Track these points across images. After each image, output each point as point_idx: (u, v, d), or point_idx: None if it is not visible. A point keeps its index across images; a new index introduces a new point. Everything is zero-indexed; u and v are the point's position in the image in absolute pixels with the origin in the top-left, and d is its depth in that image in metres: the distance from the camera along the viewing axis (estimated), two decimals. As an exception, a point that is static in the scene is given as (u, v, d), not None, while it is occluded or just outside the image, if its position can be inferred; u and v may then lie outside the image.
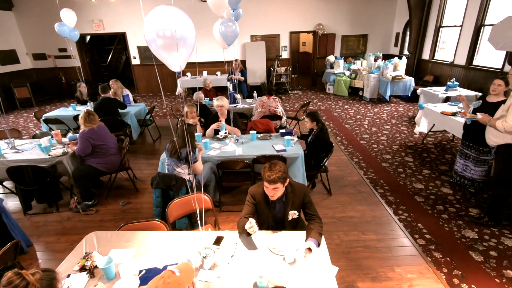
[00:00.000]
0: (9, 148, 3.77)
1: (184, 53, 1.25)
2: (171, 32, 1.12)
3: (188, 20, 1.21)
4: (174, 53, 1.18)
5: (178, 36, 1.14)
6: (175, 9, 1.13)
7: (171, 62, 1.30)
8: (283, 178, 1.89)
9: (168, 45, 1.16)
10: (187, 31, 1.21)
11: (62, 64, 10.41)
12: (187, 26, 1.20)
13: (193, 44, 1.27)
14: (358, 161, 4.63)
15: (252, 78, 10.05)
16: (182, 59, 1.24)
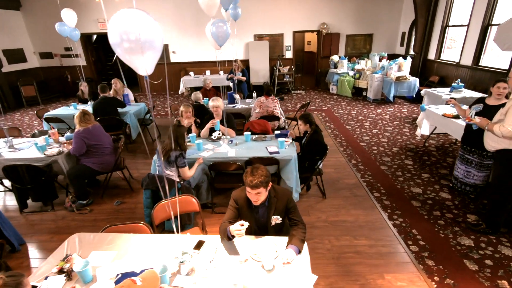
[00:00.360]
0: (7, 147, 3.83)
1: (151, 57, 1.23)
2: (135, 36, 1.10)
3: (154, 23, 1.18)
4: (141, 56, 1.16)
5: (143, 40, 1.12)
6: (139, 12, 1.11)
7: (138, 66, 1.28)
8: (266, 183, 1.86)
9: (132, 49, 1.13)
10: (152, 34, 1.18)
11: (68, 63, 10.56)
12: (152, 29, 1.18)
13: (160, 48, 1.24)
14: (356, 164, 4.56)
15: (255, 78, 10.02)
16: (149, 63, 1.22)
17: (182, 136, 3.01)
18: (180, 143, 2.99)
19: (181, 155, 2.94)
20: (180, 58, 10.34)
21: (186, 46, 10.14)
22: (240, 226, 1.78)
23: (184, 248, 1.90)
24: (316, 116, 7.11)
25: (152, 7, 9.55)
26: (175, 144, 2.96)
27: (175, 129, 3.01)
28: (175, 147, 2.95)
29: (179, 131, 3.00)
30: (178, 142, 2.97)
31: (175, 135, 2.98)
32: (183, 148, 3.01)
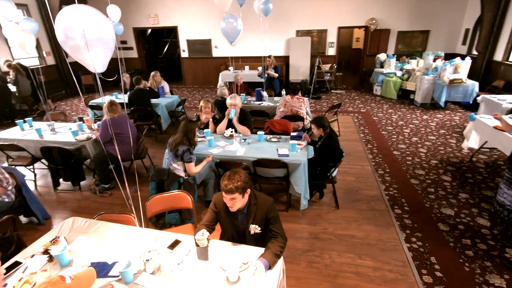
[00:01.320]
0: (49, 130, 4.28)
1: (101, 54, 1.21)
2: (81, 33, 1.09)
3: (102, 20, 1.15)
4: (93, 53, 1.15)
5: (90, 37, 1.10)
6: (86, 8, 1.09)
7: (88, 63, 1.28)
8: (242, 189, 1.76)
9: (77, 45, 1.13)
10: (100, 31, 1.16)
11: (122, 55, 11.47)
12: (100, 26, 1.15)
13: (110, 45, 1.22)
14: (382, 174, 4.15)
15: (294, 75, 9.76)
16: (99, 60, 1.20)
17: (192, 131, 3.03)
18: (190, 137, 3.02)
19: (188, 150, 2.96)
20: (222, 52, 10.52)
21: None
22: (201, 236, 1.71)
23: (159, 245, 1.90)
24: (351, 118, 6.66)
25: (196, 1, 9.84)
26: (185, 139, 2.99)
27: (186, 124, 3.04)
28: (184, 142, 2.98)
29: (190, 126, 3.03)
30: (187, 137, 3.00)
31: (185, 129, 3.01)
32: (192, 143, 3.03)
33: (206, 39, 10.41)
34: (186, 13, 10.15)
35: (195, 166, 3.09)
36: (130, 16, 10.62)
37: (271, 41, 9.81)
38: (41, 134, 4.11)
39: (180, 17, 10.27)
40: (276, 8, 9.32)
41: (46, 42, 9.42)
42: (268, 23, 9.54)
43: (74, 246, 1.94)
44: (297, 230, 3.07)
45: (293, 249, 2.80)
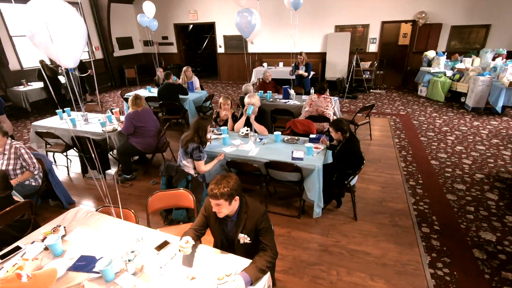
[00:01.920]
0: (83, 120, 4.56)
1: (69, 49, 1.16)
2: (44, 27, 1.05)
3: (72, 15, 1.10)
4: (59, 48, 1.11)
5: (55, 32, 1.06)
6: (52, 2, 1.04)
7: (58, 57, 1.24)
8: (228, 196, 1.64)
9: (42, 39, 1.09)
10: (68, 26, 1.11)
11: (163, 50, 11.98)
12: (68, 21, 1.10)
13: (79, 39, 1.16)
14: (413, 186, 3.73)
15: (331, 72, 9.32)
16: (68, 55, 1.16)
17: (203, 129, 2.97)
18: (201, 135, 2.97)
19: (198, 148, 2.92)
20: (257, 48, 10.41)
21: (264, 37, 10.13)
22: (185, 244, 1.63)
23: (146, 245, 1.87)
24: (388, 121, 6.14)
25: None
26: (196, 136, 2.95)
27: (198, 121, 3.00)
28: (195, 139, 2.94)
29: (201, 124, 2.98)
30: (198, 135, 2.96)
31: (197, 127, 2.97)
32: (203, 141, 2.98)
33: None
34: (223, 9, 10.21)
35: (205, 164, 3.04)
36: (171, 13, 11.00)
37: (307, 37, 9.47)
38: (75, 123, 4.40)
39: (218, 13, 10.37)
40: (314, 2, 8.96)
41: (95, 38, 10.15)
42: (305, 19, 9.22)
43: (70, 237, 1.99)
44: (306, 239, 2.87)
45: (298, 260, 2.61)
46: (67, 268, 1.71)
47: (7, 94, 7.45)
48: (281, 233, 2.98)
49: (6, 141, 3.00)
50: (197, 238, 1.81)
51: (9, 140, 3.03)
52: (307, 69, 6.18)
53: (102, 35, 10.15)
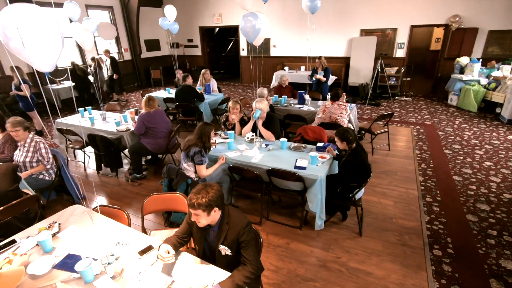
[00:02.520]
0: (101, 119, 4.75)
1: (44, 54, 1.17)
2: (16, 31, 1.07)
3: (47, 20, 1.11)
4: (33, 53, 1.12)
5: (28, 37, 1.07)
6: (26, 7, 1.06)
7: (33, 61, 1.25)
8: (206, 206, 1.59)
9: (19, 46, 1.10)
10: (42, 31, 1.12)
11: (188, 52, 12.28)
12: (42, 26, 1.11)
13: (55, 45, 1.17)
14: (430, 202, 3.46)
15: (354, 78, 9.02)
16: (43, 59, 1.17)
17: (206, 134, 2.97)
18: (204, 140, 2.96)
19: (200, 152, 2.91)
20: (279, 52, 10.35)
21: (287, 40, 10.05)
22: (166, 253, 1.60)
23: (130, 249, 1.87)
24: (410, 130, 5.79)
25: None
26: (199, 141, 2.95)
27: (202, 126, 3.00)
28: (198, 144, 2.94)
29: (204, 129, 2.98)
30: (201, 140, 2.96)
31: (200, 132, 2.97)
32: (206, 146, 2.98)
33: (265, 38, 10.33)
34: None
35: (207, 169, 3.02)
36: (197, 16, 11.25)
37: (331, 41, 9.25)
38: (93, 122, 4.59)
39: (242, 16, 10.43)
40: (338, 6, 8.74)
41: (125, 40, 10.62)
42: (329, 22, 9.02)
43: (63, 234, 2.04)
44: (305, 252, 2.75)
45: (293, 275, 2.50)
46: (52, 265, 1.75)
47: (41, 92, 7.99)
48: (279, 243, 2.88)
49: (28, 135, 3.19)
50: (179, 246, 1.78)
51: (31, 134, 3.21)
52: (326, 74, 6.01)
53: (131, 37, 10.61)
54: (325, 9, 8.92)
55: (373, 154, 4.76)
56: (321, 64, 6.03)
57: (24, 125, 3.11)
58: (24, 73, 5.63)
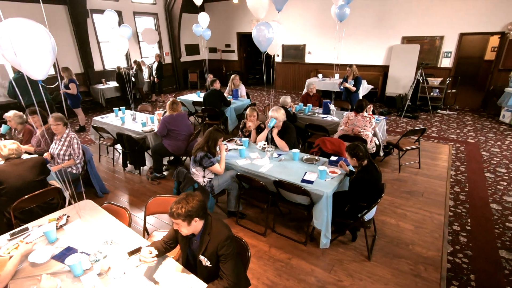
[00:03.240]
0: (131, 118, 5.07)
1: (37, 64, 1.26)
2: (11, 45, 1.17)
3: (38, 33, 1.20)
4: (27, 63, 1.23)
5: (21, 49, 1.17)
6: (18, 21, 1.15)
7: (27, 69, 1.36)
8: (185, 216, 1.59)
9: (14, 57, 1.21)
10: (33, 44, 1.21)
11: (225, 57, 12.62)
12: (34, 38, 1.20)
13: (46, 55, 1.25)
14: (457, 231, 3.10)
15: (392, 88, 8.52)
16: (37, 68, 1.26)
17: (213, 140, 3.02)
18: (210, 145, 3.01)
19: (206, 155, 2.96)
20: (314, 59, 10.16)
21: (322, 47, 9.83)
22: (148, 254, 1.63)
23: (121, 248, 1.94)
24: (449, 148, 5.28)
25: (297, 6, 9.78)
26: (206, 146, 3.01)
27: (211, 132, 3.05)
28: (205, 148, 3.00)
29: (212, 135, 3.03)
30: (208, 144, 3.01)
31: (208, 137, 3.03)
32: (211, 152, 3.02)
33: (301, 45, 10.26)
34: (285, 18, 10.25)
35: (219, 167, 3.04)
36: (235, 22, 11.52)
37: (369, 48, 8.86)
38: (124, 121, 4.91)
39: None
40: (379, 11, 8.34)
41: (167, 44, 11.25)
42: (368, 29, 8.66)
43: (69, 227, 2.20)
44: (305, 270, 2.63)
45: (288, 293, 2.41)
46: (52, 256, 1.89)
47: (90, 91, 8.79)
48: (280, 258, 2.80)
49: (65, 131, 3.51)
50: (164, 251, 1.81)
51: (68, 130, 3.53)
52: (356, 83, 5.74)
53: (172, 41, 11.21)
54: (363, 15, 8.59)
55: (400, 171, 4.42)
56: (352, 72, 5.78)
57: (64, 121, 3.43)
58: (72, 73, 6.22)
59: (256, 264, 2.72)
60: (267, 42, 3.02)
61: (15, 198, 2.55)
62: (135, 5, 9.84)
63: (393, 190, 3.94)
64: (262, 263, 2.74)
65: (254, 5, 3.00)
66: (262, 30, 2.97)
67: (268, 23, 3.02)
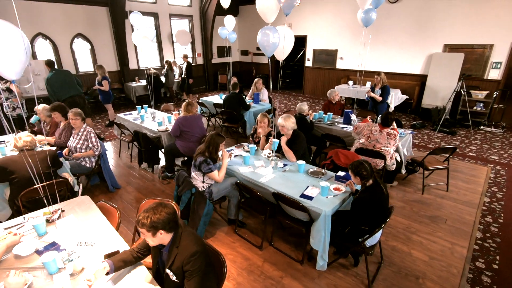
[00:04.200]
0: (151, 117, 5.21)
1: (8, 63, 1.27)
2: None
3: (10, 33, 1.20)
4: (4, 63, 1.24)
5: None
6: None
7: None
8: (149, 227, 1.52)
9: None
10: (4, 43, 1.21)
11: (256, 60, 12.62)
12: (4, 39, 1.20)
13: (18, 56, 1.25)
14: (480, 269, 2.70)
15: (430, 99, 7.87)
16: (8, 68, 1.27)
17: (214, 145, 2.95)
18: (211, 150, 2.95)
19: (206, 161, 2.90)
20: (346, 65, 9.75)
21: (355, 53, 9.40)
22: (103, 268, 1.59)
23: (99, 250, 1.94)
24: (487, 170, 4.70)
25: (330, 10, 9.48)
26: (207, 151, 2.96)
27: (213, 136, 2.99)
28: (206, 154, 2.95)
29: (214, 140, 2.97)
30: (209, 150, 2.95)
31: (209, 141, 2.97)
32: (212, 157, 2.96)
33: (332, 50, 9.91)
34: (317, 22, 10.00)
35: (218, 174, 2.98)
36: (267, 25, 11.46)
37: (406, 56, 8.29)
38: (143, 119, 5.06)
39: (311, 26, 10.23)
40: (419, 17, 7.77)
41: (200, 45, 11.53)
42: (406, 35, 8.11)
43: (61, 221, 2.25)
44: (295, 293, 2.45)
45: (272, 315, 2.25)
46: (35, 249, 1.93)
47: (123, 88, 9.28)
48: (273, 275, 2.64)
49: (83, 125, 3.68)
50: (134, 260, 1.75)
51: (85, 125, 3.70)
52: (383, 92, 5.36)
53: (205, 43, 11.46)
54: (402, 20, 8.05)
55: (424, 192, 4.01)
56: (381, 80, 5.40)
57: (82, 116, 3.61)
58: (105, 71, 6.59)
59: (246, 279, 2.60)
60: (272, 48, 2.89)
61: (25, 187, 2.70)
62: (171, 7, 10.21)
63: (412, 213, 3.58)
64: (252, 278, 2.61)
65: (262, 9, 2.89)
66: (267, 35, 2.84)
67: (274, 28, 2.88)
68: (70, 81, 5.64)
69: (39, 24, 7.45)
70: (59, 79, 5.47)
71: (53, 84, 5.41)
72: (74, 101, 5.63)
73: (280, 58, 3.16)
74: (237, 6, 12.22)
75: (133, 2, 9.14)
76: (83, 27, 8.19)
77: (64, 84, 5.51)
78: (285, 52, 3.01)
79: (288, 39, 2.87)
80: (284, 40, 2.77)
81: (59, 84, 5.46)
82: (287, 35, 2.83)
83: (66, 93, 5.56)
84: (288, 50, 3.09)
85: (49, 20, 7.54)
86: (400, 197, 3.94)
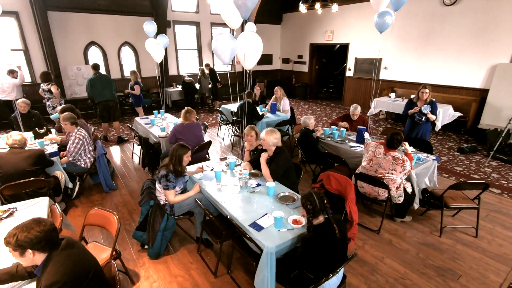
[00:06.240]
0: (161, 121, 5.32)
1: None
2: None
3: None
4: None
5: None
6: None
7: None
8: (17, 246, 1.41)
9: None
10: None
11: (297, 68, 12.24)
12: None
13: None
14: None
15: (490, 118, 6.60)
16: None
17: (176, 157, 2.79)
18: (174, 163, 2.80)
19: (166, 176, 2.75)
20: (391, 75, 8.78)
21: (402, 63, 8.41)
22: None
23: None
24: (507, 202, 3.62)
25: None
26: (170, 164, 2.82)
27: (175, 148, 2.84)
28: (169, 166, 2.81)
29: (176, 152, 2.81)
30: (172, 162, 2.81)
31: (171, 153, 2.83)
32: (175, 170, 2.80)
33: (376, 59, 9.02)
34: (360, 30, 9.25)
35: (176, 195, 2.82)
36: (309, 33, 11.04)
37: (463, 67, 7.09)
38: (154, 124, 5.20)
39: (354, 34, 9.52)
40: (479, 20, 6.59)
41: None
42: (463, 42, 6.94)
43: (6, 221, 2.33)
44: (227, 338, 2.11)
45: None
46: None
47: (160, 92, 9.82)
48: (214, 310, 2.34)
49: (74, 129, 3.89)
50: (26, 275, 1.68)
51: (76, 129, 3.91)
52: (433, 109, 4.45)
53: (244, 51, 11.53)
54: (460, 25, 6.91)
55: (441, 235, 3.23)
56: (429, 95, 4.52)
57: (71, 120, 3.81)
58: (138, 76, 7.02)
59: (184, 309, 2.35)
60: (227, 54, 2.61)
61: (8, 182, 2.91)
62: (213, 17, 10.52)
63: (415, 259, 2.89)
64: (190, 309, 2.35)
65: (225, 16, 2.65)
66: (218, 40, 2.58)
67: (230, 33, 2.60)
68: (109, 85, 5.99)
69: (93, 34, 8.35)
70: (99, 82, 5.84)
71: (93, 85, 5.84)
72: (107, 104, 6.04)
73: (247, 66, 2.86)
74: (281, 13, 12.06)
75: (177, 12, 9.67)
76: (129, 36, 8.94)
77: (103, 87, 5.87)
78: (251, 61, 2.69)
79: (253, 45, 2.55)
80: (247, 46, 2.47)
81: (99, 86, 5.85)
82: (252, 41, 2.52)
83: (102, 96, 5.94)
84: (254, 59, 2.76)
85: (101, 29, 8.40)
86: (408, 236, 3.24)
